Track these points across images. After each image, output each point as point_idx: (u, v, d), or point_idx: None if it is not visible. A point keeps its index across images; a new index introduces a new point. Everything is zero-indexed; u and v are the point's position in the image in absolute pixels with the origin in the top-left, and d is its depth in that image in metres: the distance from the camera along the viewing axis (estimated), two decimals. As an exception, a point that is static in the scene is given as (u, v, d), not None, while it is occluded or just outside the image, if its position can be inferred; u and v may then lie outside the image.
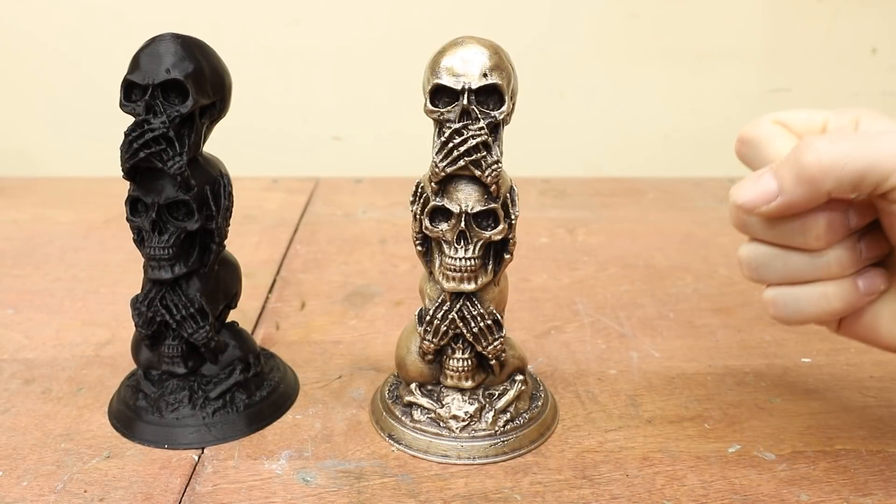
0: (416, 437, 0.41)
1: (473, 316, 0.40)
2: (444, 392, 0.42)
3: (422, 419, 0.42)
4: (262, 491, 0.38)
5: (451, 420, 0.41)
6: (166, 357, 0.44)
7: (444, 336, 0.41)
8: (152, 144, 0.39)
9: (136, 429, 0.43)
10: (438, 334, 0.41)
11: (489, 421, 0.41)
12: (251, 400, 0.44)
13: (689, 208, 0.84)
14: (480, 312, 0.40)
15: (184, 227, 0.42)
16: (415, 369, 0.43)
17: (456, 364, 0.41)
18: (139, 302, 0.43)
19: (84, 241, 0.73)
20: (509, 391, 0.43)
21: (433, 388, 0.43)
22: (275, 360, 0.49)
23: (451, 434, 0.41)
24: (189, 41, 0.40)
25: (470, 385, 0.42)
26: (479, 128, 0.36)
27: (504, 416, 0.42)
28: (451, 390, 0.42)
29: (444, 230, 0.39)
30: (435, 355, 0.42)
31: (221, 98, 0.42)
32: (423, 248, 0.41)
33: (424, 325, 0.41)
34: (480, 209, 0.38)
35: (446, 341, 0.41)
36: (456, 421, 0.41)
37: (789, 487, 0.39)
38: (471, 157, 0.37)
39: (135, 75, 0.40)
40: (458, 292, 0.40)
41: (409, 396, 0.43)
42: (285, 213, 0.81)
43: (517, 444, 0.41)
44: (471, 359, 0.42)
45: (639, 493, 0.38)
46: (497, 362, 0.42)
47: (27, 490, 0.38)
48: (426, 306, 0.41)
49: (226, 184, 0.43)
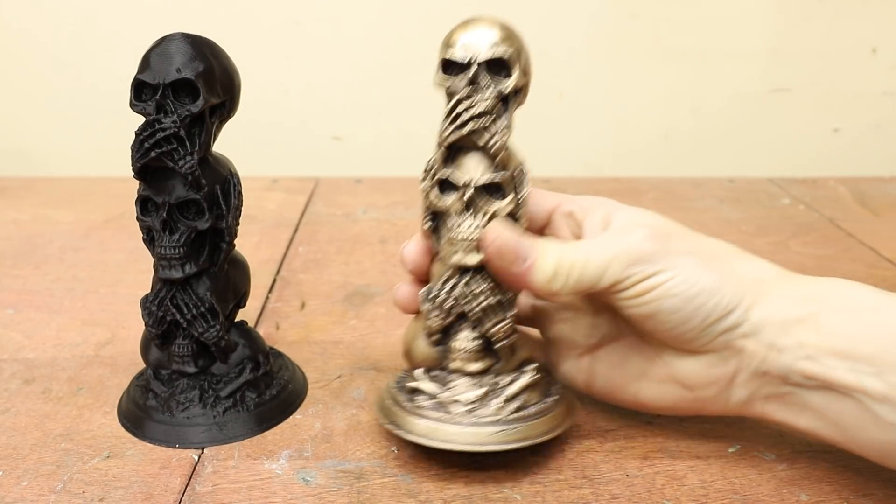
0: (417, 421, 0.39)
1: (479, 292, 0.39)
2: (449, 377, 0.40)
3: (425, 404, 0.40)
4: (262, 491, 0.38)
5: (454, 404, 0.39)
6: (177, 356, 0.44)
7: (448, 314, 0.40)
8: (163, 144, 0.40)
9: (147, 428, 0.43)
10: (443, 311, 0.40)
11: (495, 407, 0.39)
12: (261, 399, 0.45)
13: (689, 208, 0.84)
14: (486, 289, 0.39)
15: (194, 227, 0.42)
16: (420, 353, 0.41)
17: (461, 345, 0.40)
18: (149, 301, 0.43)
19: (84, 241, 0.73)
20: (519, 380, 0.40)
21: (439, 374, 0.41)
22: (283, 359, 0.49)
23: (454, 419, 0.39)
24: (199, 41, 0.41)
25: (476, 368, 0.40)
26: (484, 97, 0.37)
27: (512, 405, 0.39)
28: (457, 375, 0.40)
29: (450, 202, 0.39)
30: (441, 336, 0.41)
31: (231, 97, 0.42)
32: (434, 224, 0.40)
33: (430, 304, 0.40)
34: (487, 180, 0.38)
35: (452, 320, 0.40)
36: (459, 405, 0.39)
37: (789, 487, 0.39)
38: (475, 124, 0.37)
39: (145, 75, 0.40)
40: (465, 268, 0.39)
41: (413, 382, 0.41)
42: (285, 213, 0.81)
43: (524, 434, 0.39)
44: (477, 340, 0.40)
45: (639, 493, 0.38)
46: (503, 345, 0.40)
47: (27, 490, 0.38)
48: (431, 284, 0.40)
49: (235, 183, 0.43)
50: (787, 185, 0.93)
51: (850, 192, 0.90)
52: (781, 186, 0.92)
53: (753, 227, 0.78)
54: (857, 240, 0.74)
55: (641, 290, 0.37)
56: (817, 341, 0.35)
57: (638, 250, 0.37)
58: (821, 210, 0.84)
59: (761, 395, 0.38)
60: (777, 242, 0.74)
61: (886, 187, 0.93)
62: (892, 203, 0.87)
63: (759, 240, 0.74)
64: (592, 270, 0.37)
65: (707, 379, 0.38)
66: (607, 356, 0.41)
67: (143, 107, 0.40)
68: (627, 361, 0.41)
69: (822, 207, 0.85)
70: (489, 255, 0.38)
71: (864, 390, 0.34)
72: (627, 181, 0.94)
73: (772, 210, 0.84)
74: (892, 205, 0.86)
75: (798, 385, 0.36)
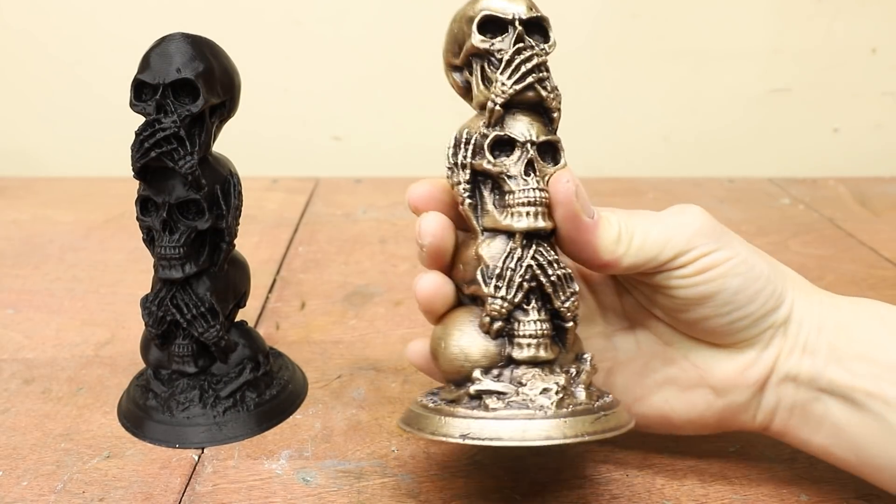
0: (503, 424, 0.33)
1: (550, 262, 0.35)
2: (516, 372, 0.35)
3: (500, 406, 0.34)
4: (262, 491, 0.38)
5: (541, 396, 0.34)
6: (177, 356, 0.44)
7: (518, 290, 0.34)
8: (163, 144, 0.40)
9: (147, 428, 0.43)
10: (513, 287, 0.34)
11: (583, 395, 0.35)
12: (261, 399, 0.45)
13: (689, 208, 0.84)
14: (556, 259, 0.35)
15: (194, 227, 0.42)
16: (476, 350, 0.35)
17: (532, 328, 0.35)
18: (149, 301, 0.43)
19: (84, 241, 0.73)
20: (584, 367, 0.36)
21: (501, 372, 0.35)
22: (283, 359, 0.49)
23: (549, 412, 0.33)
24: (199, 41, 0.41)
25: (548, 355, 0.35)
26: (541, 48, 0.35)
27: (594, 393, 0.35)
28: (526, 367, 0.35)
29: (507, 164, 0.35)
30: (505, 323, 0.35)
31: (231, 97, 0.42)
32: (473, 201, 0.36)
33: (494, 281, 0.34)
34: (545, 139, 0.35)
35: (521, 298, 0.35)
36: (547, 396, 0.34)
37: (789, 487, 0.39)
38: (538, 74, 0.35)
39: (145, 75, 0.40)
40: (532, 234, 0.35)
41: (477, 385, 0.34)
42: (285, 213, 0.81)
43: (616, 421, 0.34)
44: (548, 321, 0.35)
45: (639, 493, 0.38)
46: (573, 326, 0.35)
47: (27, 490, 0.38)
48: (487, 264, 0.35)
49: (235, 183, 0.43)
50: (787, 185, 0.93)
51: (850, 192, 0.90)
52: (781, 186, 0.92)
53: (753, 227, 0.78)
54: (857, 240, 0.74)
55: (704, 265, 0.35)
56: (847, 346, 0.35)
57: (700, 223, 0.35)
58: (821, 210, 0.84)
59: (787, 403, 0.36)
60: (777, 242, 0.74)
61: (886, 187, 0.93)
62: (892, 203, 0.87)
63: (759, 240, 0.74)
64: (655, 238, 0.35)
65: (741, 381, 0.36)
66: (625, 370, 0.39)
67: (143, 107, 0.40)
68: (649, 371, 0.38)
69: (822, 207, 0.85)
70: (566, 196, 0.34)
71: (884, 398, 0.33)
72: (627, 181, 0.94)
73: (772, 210, 0.84)
74: (892, 205, 0.86)
75: (822, 391, 0.35)
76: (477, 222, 0.36)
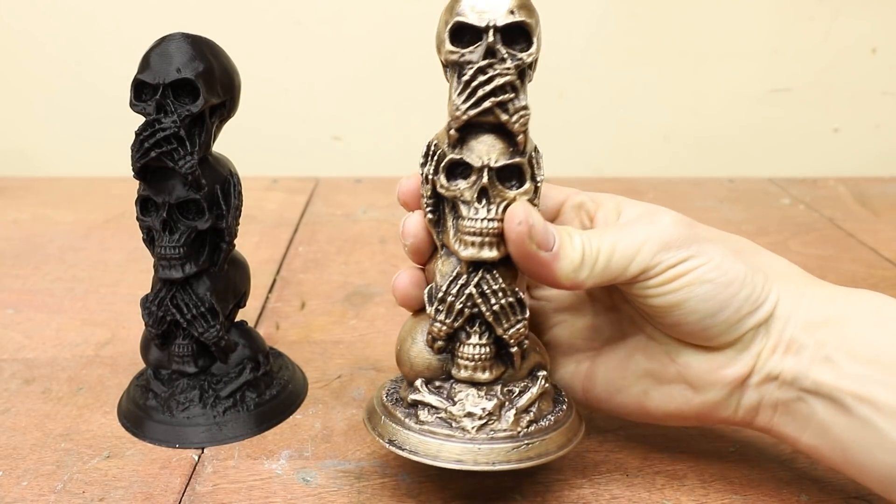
0: (423, 440, 0.35)
1: (494, 291, 0.35)
2: (455, 388, 0.36)
3: (429, 419, 0.35)
4: (262, 491, 0.38)
5: (465, 418, 0.35)
6: (177, 356, 0.44)
7: (459, 315, 0.35)
8: (163, 144, 0.40)
9: (147, 428, 0.43)
10: (453, 313, 0.35)
11: (510, 420, 0.35)
12: (261, 399, 0.45)
13: (689, 208, 0.84)
14: (502, 287, 0.35)
15: (194, 227, 0.42)
16: (421, 361, 0.36)
17: (471, 351, 0.35)
18: (149, 301, 0.43)
19: (84, 241, 0.73)
20: (531, 388, 0.36)
21: (442, 385, 0.36)
22: (283, 359, 0.49)
23: (466, 435, 0.34)
24: (199, 40, 0.41)
25: (487, 377, 0.35)
26: (506, 67, 0.33)
27: (527, 416, 0.35)
28: (465, 385, 0.36)
29: (461, 188, 0.34)
30: (446, 342, 0.36)
31: (231, 97, 0.42)
32: (435, 216, 0.36)
33: (436, 304, 0.35)
34: (505, 163, 0.34)
35: (461, 323, 0.35)
36: (471, 419, 0.35)
37: (789, 487, 0.39)
38: (497, 97, 0.33)
39: (145, 75, 0.40)
40: (477, 263, 0.34)
41: (415, 394, 0.36)
42: (285, 213, 0.81)
43: (542, 449, 0.35)
44: (489, 345, 0.35)
45: (639, 493, 0.38)
46: (518, 350, 0.36)
47: (27, 490, 0.38)
48: (437, 283, 0.36)
49: (235, 183, 0.43)
50: (787, 185, 0.93)
51: (850, 192, 0.90)
52: (781, 186, 0.92)
53: (753, 227, 0.78)
54: (857, 240, 0.74)
55: (672, 275, 0.34)
56: (837, 342, 0.34)
57: (668, 234, 0.35)
58: (821, 210, 0.84)
59: (770, 402, 0.36)
60: (777, 242, 0.74)
61: (886, 187, 0.93)
62: (892, 203, 0.87)
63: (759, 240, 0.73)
64: (620, 256, 0.34)
65: (717, 379, 0.36)
66: (608, 359, 0.40)
67: (143, 107, 0.40)
68: (631, 362, 0.39)
69: (822, 207, 0.85)
70: (517, 237, 0.33)
71: (872, 402, 0.33)
72: (627, 181, 0.94)
73: (772, 210, 0.84)
74: (892, 205, 0.86)
75: (807, 391, 0.35)
76: (437, 237, 0.36)
